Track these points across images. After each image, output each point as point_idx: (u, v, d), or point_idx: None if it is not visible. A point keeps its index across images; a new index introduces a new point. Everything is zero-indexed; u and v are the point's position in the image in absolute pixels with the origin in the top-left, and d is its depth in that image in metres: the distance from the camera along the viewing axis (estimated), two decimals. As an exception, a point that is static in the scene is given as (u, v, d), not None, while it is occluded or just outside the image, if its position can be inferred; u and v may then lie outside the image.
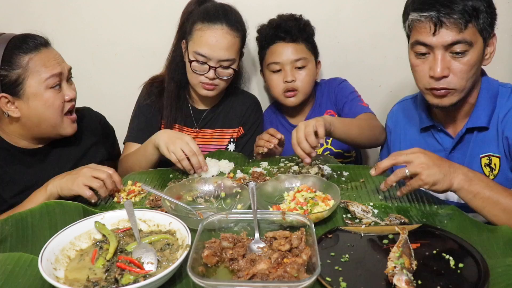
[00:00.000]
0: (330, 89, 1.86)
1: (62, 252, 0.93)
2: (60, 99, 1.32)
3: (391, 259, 0.87)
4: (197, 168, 1.35)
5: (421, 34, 1.23)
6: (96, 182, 1.19)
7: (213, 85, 1.62)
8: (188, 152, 1.34)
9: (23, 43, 1.27)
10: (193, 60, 1.58)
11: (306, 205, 1.10)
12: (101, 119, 1.63)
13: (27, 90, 1.27)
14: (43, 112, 1.30)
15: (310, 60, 1.74)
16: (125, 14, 1.92)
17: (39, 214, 1.09)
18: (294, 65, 1.71)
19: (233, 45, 1.58)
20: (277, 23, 1.74)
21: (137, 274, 0.86)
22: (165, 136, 1.40)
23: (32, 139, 1.38)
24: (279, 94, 1.77)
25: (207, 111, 1.77)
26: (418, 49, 1.26)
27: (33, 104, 1.28)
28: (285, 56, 1.71)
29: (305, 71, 1.73)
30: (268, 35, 1.75)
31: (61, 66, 1.32)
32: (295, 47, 1.71)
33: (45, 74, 1.28)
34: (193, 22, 1.59)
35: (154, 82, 1.75)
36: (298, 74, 1.72)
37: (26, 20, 1.90)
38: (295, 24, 1.72)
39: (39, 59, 1.27)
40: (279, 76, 1.74)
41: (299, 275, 0.82)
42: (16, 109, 1.29)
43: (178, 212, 1.10)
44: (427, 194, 1.25)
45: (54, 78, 1.30)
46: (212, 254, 0.89)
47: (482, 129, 1.32)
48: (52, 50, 1.34)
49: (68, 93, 1.34)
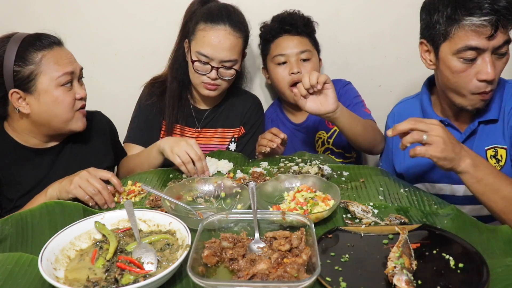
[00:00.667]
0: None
1: (62, 252, 0.93)
2: (71, 96, 1.34)
3: (391, 259, 0.87)
4: (200, 172, 1.36)
5: (474, 38, 1.20)
6: (92, 188, 1.18)
7: (215, 85, 1.62)
8: (193, 156, 1.34)
9: (37, 40, 1.30)
10: (196, 60, 1.58)
11: (306, 205, 1.10)
12: (111, 124, 1.63)
13: (38, 86, 1.28)
14: (53, 109, 1.32)
15: (314, 54, 1.76)
16: (125, 14, 1.92)
17: (39, 214, 1.09)
18: (300, 57, 1.72)
19: (235, 45, 1.58)
20: (282, 16, 1.76)
21: (137, 274, 0.86)
22: (171, 140, 1.41)
23: (43, 136, 1.39)
24: (284, 88, 1.76)
25: (208, 111, 1.77)
26: (467, 55, 1.22)
27: (44, 100, 1.30)
28: (290, 48, 1.72)
29: (310, 64, 1.73)
30: (274, 28, 1.75)
31: (73, 65, 1.35)
32: (300, 39, 1.73)
33: (57, 72, 1.29)
34: (196, 22, 1.59)
35: (155, 82, 1.75)
36: (304, 66, 1.73)
37: (26, 20, 1.90)
38: (299, 18, 1.75)
39: (51, 56, 1.30)
40: (284, 69, 1.74)
41: (299, 275, 0.82)
42: (26, 105, 1.30)
43: (178, 212, 1.10)
44: (427, 194, 1.25)
45: (66, 76, 1.31)
46: (212, 254, 0.89)
47: (491, 121, 1.34)
48: (65, 49, 1.36)
49: (79, 91, 1.36)
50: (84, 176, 1.20)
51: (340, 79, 1.89)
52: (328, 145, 1.84)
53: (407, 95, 1.94)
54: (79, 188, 1.18)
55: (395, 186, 1.30)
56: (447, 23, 1.23)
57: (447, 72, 1.28)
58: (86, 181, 1.19)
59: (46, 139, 1.40)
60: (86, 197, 1.17)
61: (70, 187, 1.18)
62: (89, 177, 1.19)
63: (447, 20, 1.23)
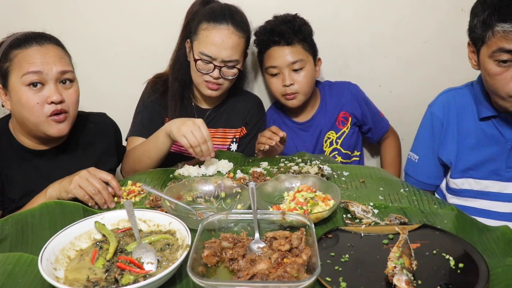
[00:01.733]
0: (343, 92, 1.87)
1: (62, 252, 0.93)
2: (37, 99, 1.26)
3: (391, 259, 0.87)
4: (206, 155, 1.35)
5: (508, 42, 1.23)
6: (91, 188, 1.17)
7: (218, 85, 1.62)
8: (199, 138, 1.32)
9: (21, 39, 1.28)
10: (198, 59, 1.58)
11: (306, 205, 1.10)
12: (116, 126, 1.62)
13: (10, 83, 1.28)
14: (20, 109, 1.28)
15: (307, 61, 1.74)
16: (125, 14, 1.92)
17: (39, 214, 1.09)
18: (292, 67, 1.71)
19: (238, 45, 1.58)
20: (270, 27, 1.73)
21: (137, 274, 0.86)
22: (178, 121, 1.39)
23: (31, 136, 1.37)
24: (280, 97, 1.79)
25: (210, 111, 1.77)
26: (501, 57, 1.25)
27: (13, 99, 1.29)
28: (281, 60, 1.71)
29: (303, 73, 1.73)
30: (263, 40, 1.75)
31: (46, 65, 1.26)
32: (291, 49, 1.71)
33: (23, 69, 1.25)
34: (199, 22, 1.60)
35: (158, 80, 1.75)
36: (297, 77, 1.72)
37: (26, 20, 1.89)
38: (289, 26, 1.70)
39: (26, 54, 1.26)
40: (277, 80, 1.75)
41: (299, 275, 0.82)
42: (8, 102, 1.31)
43: (178, 212, 1.10)
44: (427, 194, 1.25)
45: (30, 76, 1.24)
46: (212, 254, 0.89)
47: None
48: (49, 48, 1.30)
49: (51, 94, 1.27)
50: (84, 176, 1.19)
51: (348, 82, 1.91)
52: (336, 145, 1.85)
53: (407, 95, 1.95)
54: (79, 188, 1.17)
55: (395, 186, 1.30)
56: (483, 27, 1.28)
57: (485, 74, 1.33)
58: (86, 180, 1.18)
59: (37, 141, 1.37)
60: (86, 197, 1.17)
61: (70, 187, 1.18)
62: (89, 177, 1.19)
63: (482, 24, 1.28)
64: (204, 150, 1.34)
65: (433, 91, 1.60)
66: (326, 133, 1.85)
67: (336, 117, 1.86)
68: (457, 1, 1.87)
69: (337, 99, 1.87)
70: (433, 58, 1.97)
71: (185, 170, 1.42)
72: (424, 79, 2.00)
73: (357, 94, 1.87)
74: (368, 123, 1.89)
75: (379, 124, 1.93)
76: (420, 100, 2.03)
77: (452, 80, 2.00)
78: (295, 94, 1.75)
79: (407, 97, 2.01)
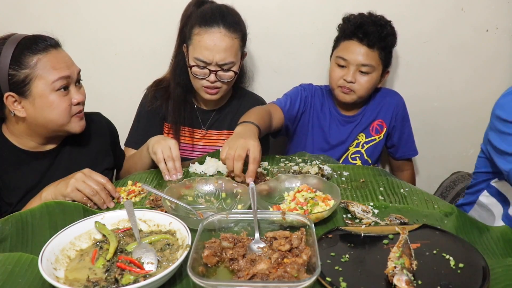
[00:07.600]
0: (386, 100, 1.85)
1: (62, 252, 0.93)
2: (67, 101, 1.31)
3: (391, 259, 0.87)
4: (171, 173, 1.39)
5: None
6: (89, 190, 1.17)
7: (216, 88, 1.61)
8: (166, 156, 1.37)
9: (32, 43, 1.26)
10: (194, 65, 1.57)
11: (306, 205, 1.10)
12: (111, 126, 1.62)
13: (33, 90, 1.26)
14: (49, 114, 1.29)
15: (376, 69, 1.71)
16: (125, 14, 1.92)
17: (39, 214, 1.09)
18: (359, 68, 1.69)
19: (231, 47, 1.56)
20: (360, 21, 1.70)
21: (137, 274, 0.86)
22: (156, 138, 1.44)
23: (40, 138, 1.37)
24: (335, 87, 1.76)
25: (214, 113, 1.77)
26: None
27: (39, 105, 1.27)
28: (353, 57, 1.68)
29: (367, 77, 1.70)
30: (347, 30, 1.72)
31: (70, 69, 1.30)
32: (367, 52, 1.67)
33: (52, 76, 1.26)
34: (191, 27, 1.58)
35: (159, 88, 1.74)
36: (360, 78, 1.70)
37: (26, 20, 1.90)
38: (378, 30, 1.67)
39: (47, 60, 1.26)
40: (341, 71, 1.72)
41: (299, 275, 0.82)
42: (22, 109, 1.28)
43: (178, 212, 1.10)
44: (427, 194, 1.25)
45: (62, 81, 1.28)
46: (212, 254, 0.89)
47: None
48: (62, 52, 1.33)
49: (76, 96, 1.33)
50: (80, 178, 1.18)
51: (392, 90, 1.90)
52: (360, 149, 1.85)
53: (407, 95, 1.95)
54: (77, 191, 1.17)
55: (395, 186, 1.30)
56: None
57: None
58: (83, 182, 1.17)
59: (43, 142, 1.39)
60: (84, 199, 1.17)
61: (67, 191, 1.17)
62: (85, 179, 1.18)
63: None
64: (169, 167, 1.38)
65: (433, 91, 1.61)
66: (357, 134, 1.84)
67: (371, 121, 1.84)
68: (457, 1, 1.88)
69: (378, 104, 1.84)
70: (433, 58, 1.97)
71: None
72: (424, 79, 2.00)
73: (400, 107, 1.84)
74: (394, 139, 1.88)
75: (407, 146, 1.90)
76: (420, 100, 2.04)
77: (452, 80, 2.00)
78: (351, 92, 1.72)
79: (407, 97, 2.01)
